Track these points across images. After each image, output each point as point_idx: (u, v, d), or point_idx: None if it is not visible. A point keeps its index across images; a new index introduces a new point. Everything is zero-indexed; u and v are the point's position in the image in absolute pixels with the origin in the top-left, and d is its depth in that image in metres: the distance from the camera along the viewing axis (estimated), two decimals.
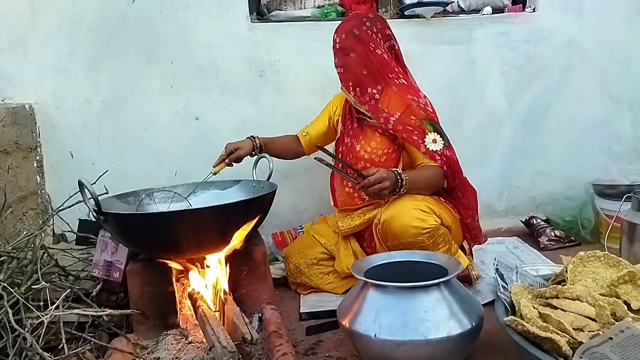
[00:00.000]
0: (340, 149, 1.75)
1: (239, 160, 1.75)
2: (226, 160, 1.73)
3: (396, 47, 1.71)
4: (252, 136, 1.79)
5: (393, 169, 1.49)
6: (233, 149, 1.73)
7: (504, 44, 2.22)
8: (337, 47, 1.65)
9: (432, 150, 1.55)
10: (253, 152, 1.77)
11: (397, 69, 1.66)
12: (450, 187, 1.59)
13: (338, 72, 1.69)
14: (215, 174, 1.72)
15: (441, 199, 1.57)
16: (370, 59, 1.61)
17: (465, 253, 1.61)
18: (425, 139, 1.55)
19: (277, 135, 1.92)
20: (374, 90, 1.63)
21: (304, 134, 1.90)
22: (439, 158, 1.54)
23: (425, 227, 1.43)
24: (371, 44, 1.61)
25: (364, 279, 1.21)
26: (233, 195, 1.71)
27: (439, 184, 1.56)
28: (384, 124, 1.59)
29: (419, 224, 1.43)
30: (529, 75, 2.25)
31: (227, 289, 1.46)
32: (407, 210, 1.44)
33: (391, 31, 1.69)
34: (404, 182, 1.45)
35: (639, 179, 1.99)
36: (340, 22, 1.70)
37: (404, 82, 1.65)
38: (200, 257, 1.46)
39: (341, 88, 1.74)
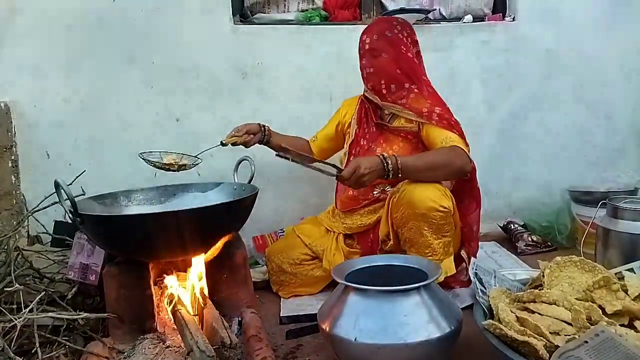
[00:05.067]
0: (355, 151, 1.76)
1: (247, 142, 1.73)
2: (237, 135, 1.70)
3: (421, 55, 1.73)
4: (261, 124, 1.78)
5: (379, 154, 1.46)
6: (242, 128, 1.72)
7: (484, 52, 2.26)
8: (367, 47, 1.65)
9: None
10: (260, 140, 1.77)
11: (424, 77, 1.69)
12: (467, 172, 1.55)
13: (366, 73, 1.69)
14: (224, 144, 1.69)
15: None
16: (403, 60, 1.63)
17: (463, 261, 1.63)
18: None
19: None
20: (412, 86, 1.65)
21: (313, 139, 1.92)
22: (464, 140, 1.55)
23: (442, 205, 1.45)
24: (402, 47, 1.64)
25: (345, 282, 1.21)
26: (214, 198, 1.69)
27: (451, 162, 1.49)
28: (427, 116, 1.58)
29: (438, 199, 1.45)
30: (508, 83, 2.29)
31: (206, 293, 1.44)
32: (430, 187, 1.47)
33: (417, 38, 1.71)
34: (389, 165, 1.43)
35: (614, 186, 2.04)
36: (367, 25, 1.72)
37: (432, 91, 1.68)
38: (179, 260, 1.44)
39: (365, 91, 1.75)
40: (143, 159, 1.62)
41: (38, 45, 2.01)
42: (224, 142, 1.69)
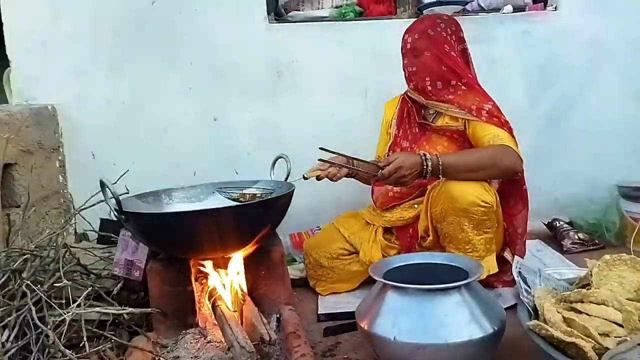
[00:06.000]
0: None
1: (333, 176, 1.57)
2: (321, 168, 1.57)
3: (468, 51, 1.69)
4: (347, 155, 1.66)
5: (420, 153, 1.42)
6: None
7: (525, 43, 2.19)
8: (408, 47, 1.62)
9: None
10: (349, 173, 1.63)
11: (470, 75, 1.64)
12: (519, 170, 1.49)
13: (408, 73, 1.65)
14: (306, 178, 1.59)
15: None
16: (447, 58, 1.59)
17: (506, 263, 1.59)
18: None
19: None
20: (459, 83, 1.61)
21: (376, 158, 1.86)
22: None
23: (484, 200, 1.41)
24: (445, 45, 1.59)
25: (384, 280, 1.20)
26: None
27: (499, 162, 1.44)
28: (476, 113, 1.54)
29: (480, 194, 1.41)
30: (551, 74, 2.21)
31: (245, 289, 1.46)
32: (470, 183, 1.43)
33: (464, 34, 1.67)
34: (429, 165, 1.39)
35: None
36: (411, 23, 1.68)
37: (479, 89, 1.63)
38: (220, 257, 1.46)
39: (409, 90, 1.71)
40: (219, 191, 1.62)
41: (81, 49, 2.08)
42: (306, 176, 1.58)
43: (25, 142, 1.85)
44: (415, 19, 1.72)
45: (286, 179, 1.72)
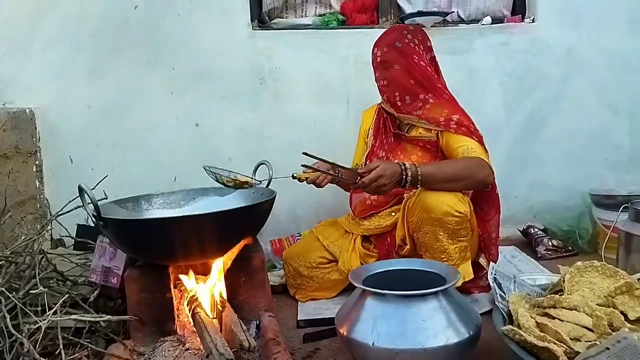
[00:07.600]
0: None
1: (320, 182, 1.58)
2: (307, 172, 1.58)
3: (436, 59, 1.72)
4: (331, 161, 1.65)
5: (398, 162, 1.45)
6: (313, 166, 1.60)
7: (503, 54, 2.24)
8: (378, 60, 1.65)
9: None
10: (333, 179, 1.63)
11: (439, 85, 1.67)
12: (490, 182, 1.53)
13: (380, 85, 1.69)
14: (294, 177, 1.58)
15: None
16: (416, 70, 1.62)
17: (482, 269, 1.62)
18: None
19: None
20: (427, 96, 1.64)
21: (353, 166, 1.88)
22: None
23: (458, 210, 1.44)
24: (414, 56, 1.62)
25: (363, 287, 1.21)
26: (232, 202, 1.71)
27: (474, 174, 1.47)
28: (444, 125, 1.57)
29: (454, 204, 1.44)
30: (528, 85, 2.26)
31: (225, 296, 1.46)
32: (445, 194, 1.45)
33: (431, 43, 1.70)
34: (408, 175, 1.42)
35: (637, 189, 1.99)
36: (380, 35, 1.70)
37: (448, 97, 1.66)
38: (199, 263, 1.46)
39: (382, 101, 1.75)
40: (205, 169, 1.60)
41: (61, 52, 2.06)
42: (295, 175, 1.58)
43: (1, 146, 1.82)
44: (383, 31, 1.73)
45: (267, 185, 1.72)
